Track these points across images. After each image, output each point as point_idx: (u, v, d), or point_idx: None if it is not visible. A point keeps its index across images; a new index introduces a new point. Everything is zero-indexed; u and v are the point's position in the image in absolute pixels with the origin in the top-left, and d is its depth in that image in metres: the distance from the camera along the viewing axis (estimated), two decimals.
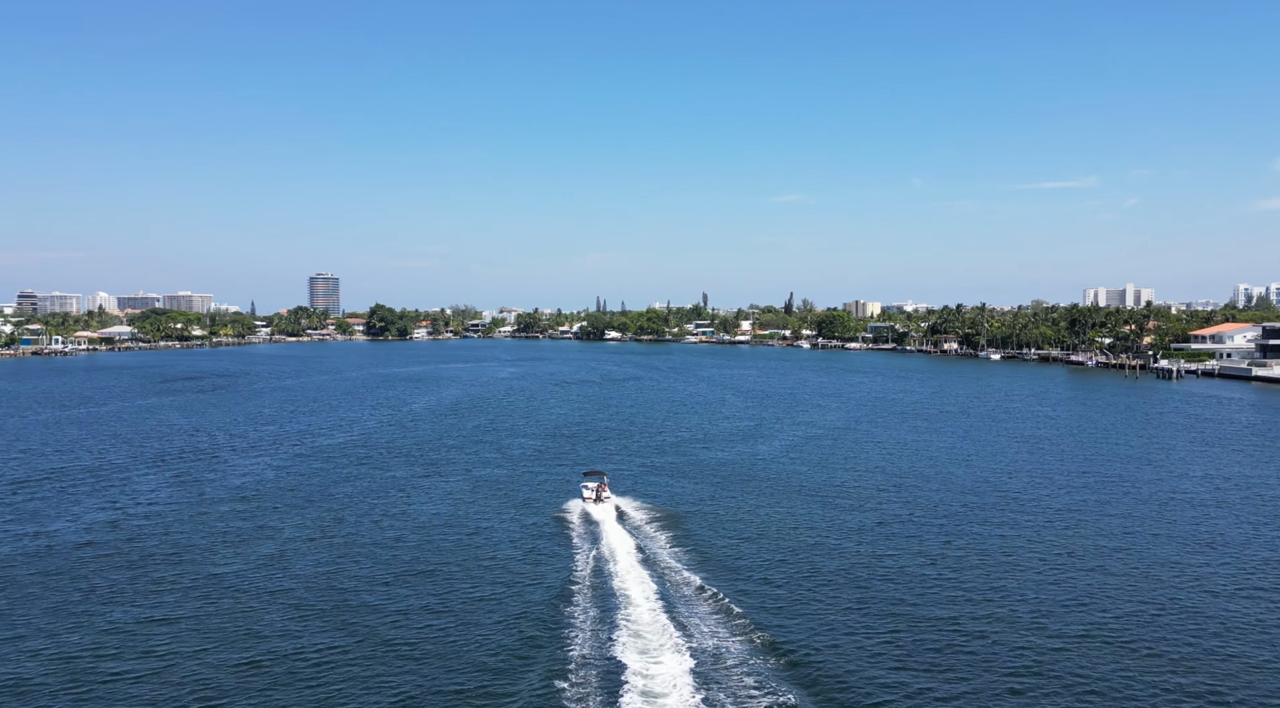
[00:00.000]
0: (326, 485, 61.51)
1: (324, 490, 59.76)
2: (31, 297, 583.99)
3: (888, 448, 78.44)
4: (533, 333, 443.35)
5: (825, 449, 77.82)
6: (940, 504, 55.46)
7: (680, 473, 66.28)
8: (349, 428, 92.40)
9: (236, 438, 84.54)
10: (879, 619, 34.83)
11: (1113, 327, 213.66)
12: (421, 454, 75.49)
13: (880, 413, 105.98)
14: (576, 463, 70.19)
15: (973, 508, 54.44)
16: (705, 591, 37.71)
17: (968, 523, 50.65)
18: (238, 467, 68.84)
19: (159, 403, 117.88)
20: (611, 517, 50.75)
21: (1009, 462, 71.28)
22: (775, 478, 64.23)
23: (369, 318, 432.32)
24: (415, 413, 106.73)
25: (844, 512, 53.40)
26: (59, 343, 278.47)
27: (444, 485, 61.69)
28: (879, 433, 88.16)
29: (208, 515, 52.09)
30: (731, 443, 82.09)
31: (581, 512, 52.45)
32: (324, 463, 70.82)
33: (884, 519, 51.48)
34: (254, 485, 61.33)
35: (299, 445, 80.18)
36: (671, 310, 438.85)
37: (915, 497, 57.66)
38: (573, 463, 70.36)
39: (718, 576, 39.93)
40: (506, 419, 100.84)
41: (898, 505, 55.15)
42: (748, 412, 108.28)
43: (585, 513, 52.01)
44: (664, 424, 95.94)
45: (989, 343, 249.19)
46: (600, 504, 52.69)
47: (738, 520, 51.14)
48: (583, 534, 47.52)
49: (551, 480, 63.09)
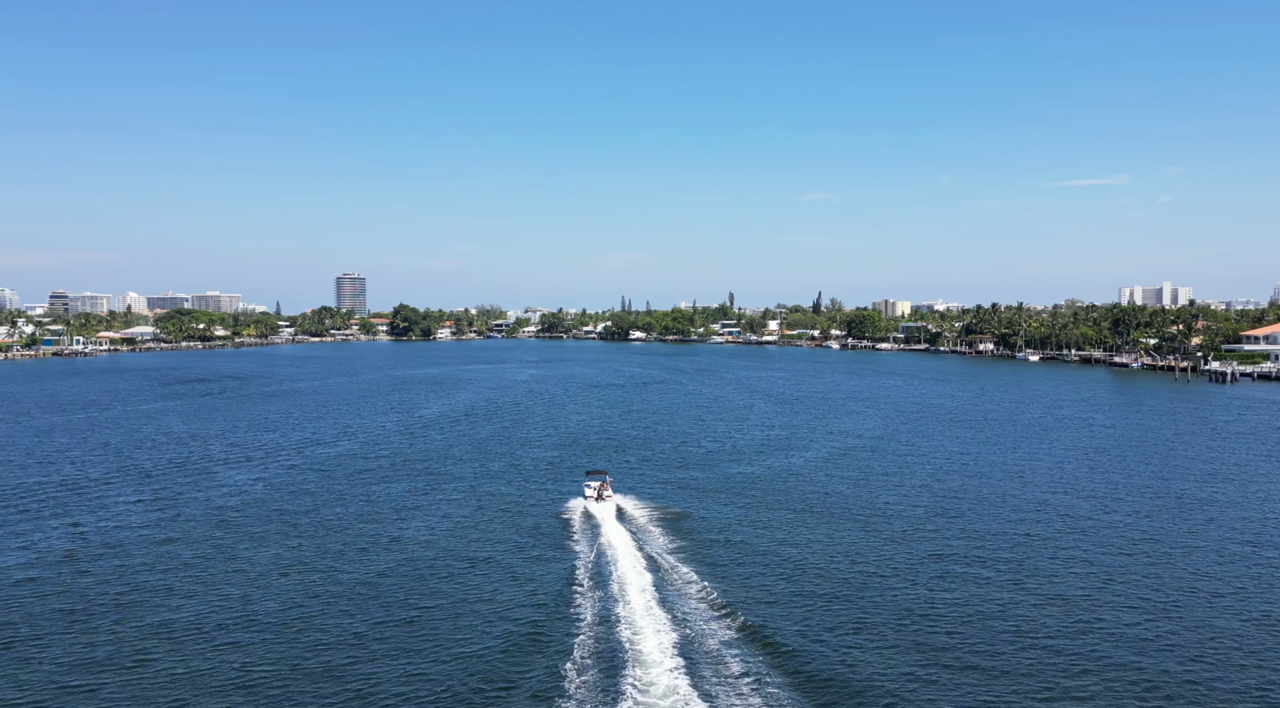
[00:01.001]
0: (315, 506, 55.87)
1: (312, 512, 54.13)
2: (63, 297, 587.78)
3: (932, 462, 71.72)
4: (557, 333, 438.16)
5: (864, 463, 71.24)
6: (1000, 532, 48.83)
7: (705, 491, 60.00)
8: (353, 436, 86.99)
9: (232, 448, 79.32)
10: (952, 692, 28.42)
11: (1159, 327, 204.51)
12: (425, 467, 69.80)
13: (921, 421, 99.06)
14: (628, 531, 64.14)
15: (1038, 539, 47.77)
16: (735, 649, 31.50)
17: (1036, 557, 44.02)
18: (225, 482, 63.46)
19: (161, 408, 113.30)
20: (627, 540, 45.44)
21: (1070, 479, 64.37)
22: (811, 499, 57.81)
23: (392, 318, 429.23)
24: (425, 419, 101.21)
25: (891, 542, 46.93)
26: (80, 343, 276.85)
27: (444, 506, 55.82)
28: (921, 444, 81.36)
29: (176, 544, 46.55)
30: (762, 455, 75.72)
31: (583, 510, 53.09)
32: (319, 477, 65.30)
33: (938, 551, 44.97)
34: (237, 506, 55.84)
35: (297, 457, 74.80)
36: (697, 310, 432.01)
37: (970, 523, 51.05)
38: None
39: (749, 629, 33.64)
40: (521, 427, 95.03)
41: (952, 534, 48.61)
42: (778, 419, 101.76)
43: (589, 517, 51.49)
44: (689, 433, 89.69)
45: (1027, 344, 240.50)
46: (601, 503, 52.85)
47: (771, 553, 44.83)
48: (594, 576, 41.49)
49: (564, 499, 57.03)
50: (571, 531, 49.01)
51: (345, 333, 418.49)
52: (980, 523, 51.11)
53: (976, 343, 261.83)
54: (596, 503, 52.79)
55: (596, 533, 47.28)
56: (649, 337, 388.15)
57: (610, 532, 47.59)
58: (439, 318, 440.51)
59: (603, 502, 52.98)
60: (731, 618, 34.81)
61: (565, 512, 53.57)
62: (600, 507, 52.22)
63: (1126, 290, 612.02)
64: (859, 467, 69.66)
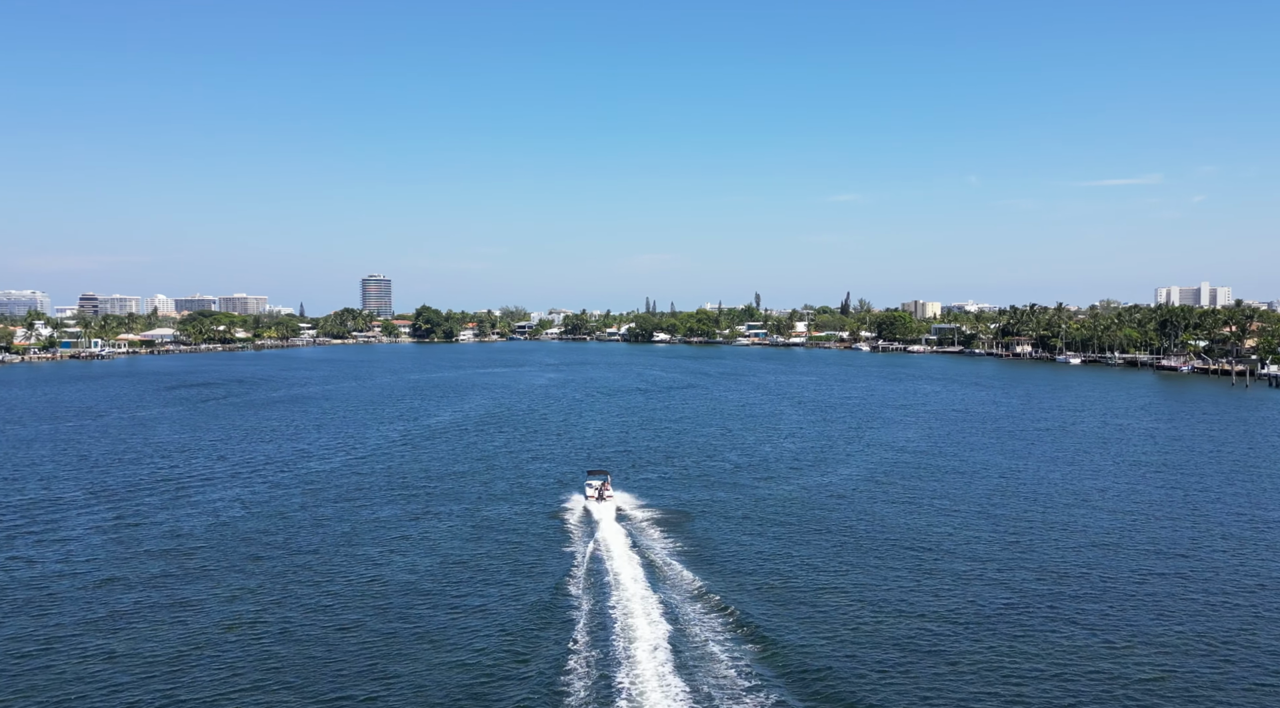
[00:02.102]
0: (291, 534, 49.39)
1: (285, 542, 47.65)
2: (93, 299, 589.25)
3: (986, 480, 64.17)
4: (580, 335, 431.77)
5: (910, 483, 63.83)
6: (1082, 572, 41.39)
7: (732, 516, 52.90)
8: (352, 448, 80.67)
9: (218, 462, 73.21)
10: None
11: (1209, 328, 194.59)
12: (422, 486, 63.24)
13: (967, 431, 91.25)
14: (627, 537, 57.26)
15: (1128, 581, 40.29)
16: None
17: (1132, 608, 36.61)
18: (198, 504, 57.19)
19: (158, 415, 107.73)
20: (646, 592, 38.41)
21: (1147, 503, 56.64)
22: (854, 527, 50.55)
23: (415, 320, 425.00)
24: (432, 429, 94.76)
25: (956, 582, 39.65)
26: (98, 346, 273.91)
27: (434, 536, 49.13)
28: (971, 458, 73.74)
29: (120, 584, 40.19)
30: (795, 471, 68.49)
31: (583, 509, 53.45)
32: (302, 498, 58.89)
33: (1014, 598, 37.64)
34: (203, 533, 49.48)
35: (285, 472, 68.55)
36: (723, 311, 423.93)
37: (1044, 559, 43.63)
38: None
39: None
40: (533, 438, 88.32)
41: (1025, 573, 41.25)
42: (811, 429, 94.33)
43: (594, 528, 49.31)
44: (715, 446, 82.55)
45: (1067, 346, 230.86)
46: (602, 503, 52.89)
47: (812, 596, 37.72)
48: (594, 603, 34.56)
49: (572, 524, 50.18)
50: (573, 565, 42.19)
51: (367, 335, 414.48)
52: (1053, 557, 43.68)
53: (1013, 345, 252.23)
54: (597, 503, 52.92)
55: (608, 587, 39.88)
56: (673, 338, 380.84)
57: (623, 570, 41.23)
58: (461, 320, 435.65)
59: (603, 501, 53.12)
60: (779, 683, 27.77)
61: (565, 521, 50.80)
62: (601, 507, 52.27)
63: (1163, 290, 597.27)
64: (905, 487, 62.26)
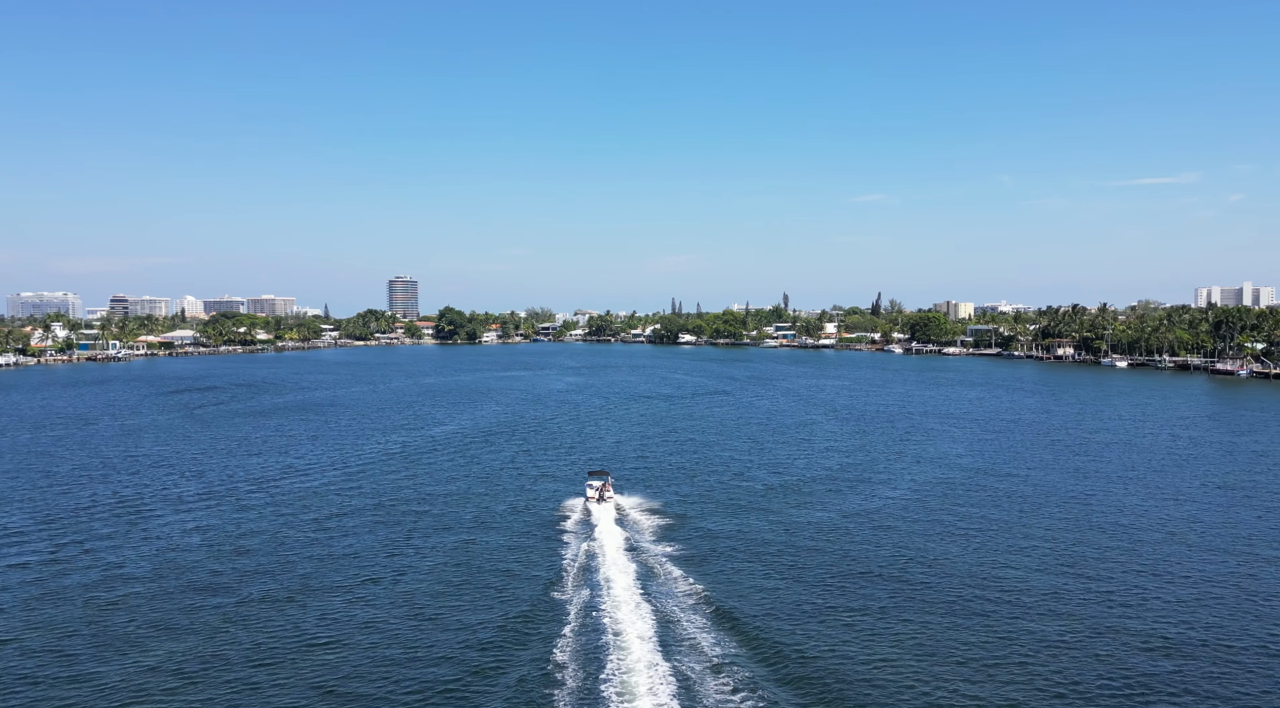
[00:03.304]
0: (245, 574, 42.15)
1: (234, 586, 40.40)
2: (123, 301, 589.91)
3: (1056, 509, 55.73)
4: (604, 336, 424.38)
5: (966, 508, 55.54)
6: (1199, 642, 33.10)
7: (764, 552, 45.01)
8: (344, 463, 73.57)
9: (193, 480, 66.32)
10: None
11: (1268, 330, 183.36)
12: (411, 508, 55.91)
13: (1021, 445, 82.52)
14: (627, 548, 49.54)
15: (1259, 652, 31.94)
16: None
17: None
18: (152, 533, 50.17)
19: (150, 423, 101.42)
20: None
21: (1249, 538, 48.03)
22: (908, 570, 42.48)
23: (438, 321, 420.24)
24: (435, 440, 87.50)
25: (1042, 651, 31.55)
26: (116, 348, 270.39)
27: (411, 576, 41.71)
28: (1033, 478, 65.22)
29: (15, 646, 33.02)
30: (834, 494, 60.42)
31: (584, 507, 53.94)
32: (274, 524, 51.73)
33: (1121, 675, 29.48)
34: (143, 573, 42.39)
35: (262, 492, 61.54)
36: (750, 312, 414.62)
37: (1146, 619, 35.39)
38: (623, 547, 49.71)
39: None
40: (544, 451, 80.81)
41: (1130, 640, 33.08)
42: (848, 441, 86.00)
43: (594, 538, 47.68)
44: (743, 462, 74.59)
45: (1112, 348, 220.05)
46: (602, 504, 53.56)
47: (868, 671, 29.78)
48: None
49: (572, 563, 42.55)
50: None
51: (390, 337, 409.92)
52: (1159, 620, 35.40)
53: (1054, 347, 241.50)
54: (598, 504, 53.63)
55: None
56: (699, 340, 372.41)
57: (627, 627, 34.52)
58: (485, 321, 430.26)
59: (604, 503, 53.81)
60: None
61: (564, 567, 41.73)
62: (600, 510, 52.81)
63: (1203, 291, 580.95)
64: (961, 515, 54.00)
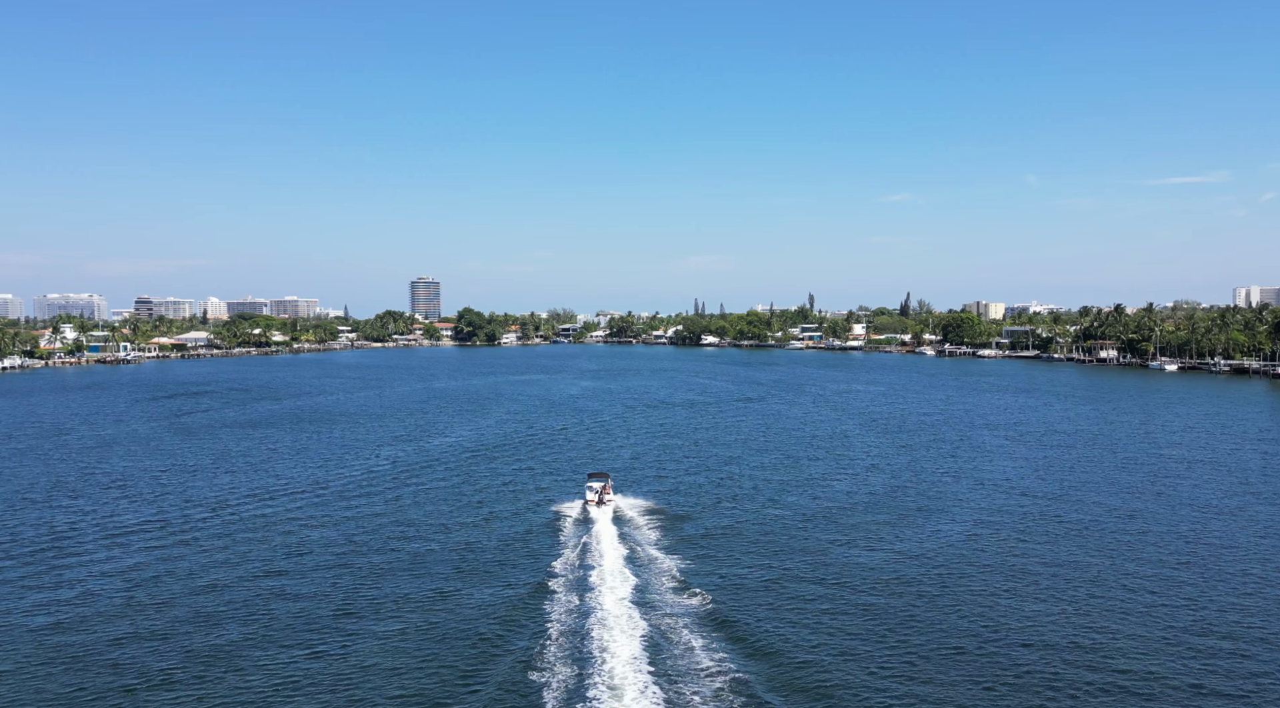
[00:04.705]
0: (150, 638, 33.45)
1: (134, 658, 31.70)
2: (148, 302, 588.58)
3: (1153, 551, 46.04)
4: (625, 338, 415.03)
5: (1052, 552, 45.95)
6: None
7: (810, 609, 35.73)
8: (323, 484, 64.96)
9: (142, 505, 57.93)
10: None
11: None
12: (384, 545, 47.13)
13: (1093, 465, 72.49)
14: (630, 602, 40.46)
15: None
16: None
17: None
18: (67, 580, 41.68)
19: (126, 434, 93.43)
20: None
21: None
22: (998, 645, 33.02)
23: (456, 322, 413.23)
24: (432, 455, 78.73)
25: None
26: (125, 350, 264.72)
27: (364, 646, 32.77)
28: (1120, 508, 55.43)
29: None
30: (885, 527, 50.97)
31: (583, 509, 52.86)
32: (214, 568, 43.07)
33: None
34: (27, 642, 33.81)
35: (217, 520, 53.06)
36: (774, 313, 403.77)
37: None
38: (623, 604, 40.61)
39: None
40: (547, 469, 71.87)
41: None
42: (893, 459, 76.28)
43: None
44: (775, 484, 65.26)
45: (1160, 350, 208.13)
46: (602, 507, 53.02)
47: None
48: None
49: (567, 639, 33.50)
50: None
51: (408, 338, 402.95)
52: None
53: (1097, 349, 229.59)
54: (597, 507, 53.26)
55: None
56: (722, 342, 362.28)
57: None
58: (504, 322, 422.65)
59: (604, 506, 53.47)
60: None
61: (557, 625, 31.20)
62: (601, 511, 52.60)
63: (1242, 291, 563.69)
64: (1049, 560, 44.42)
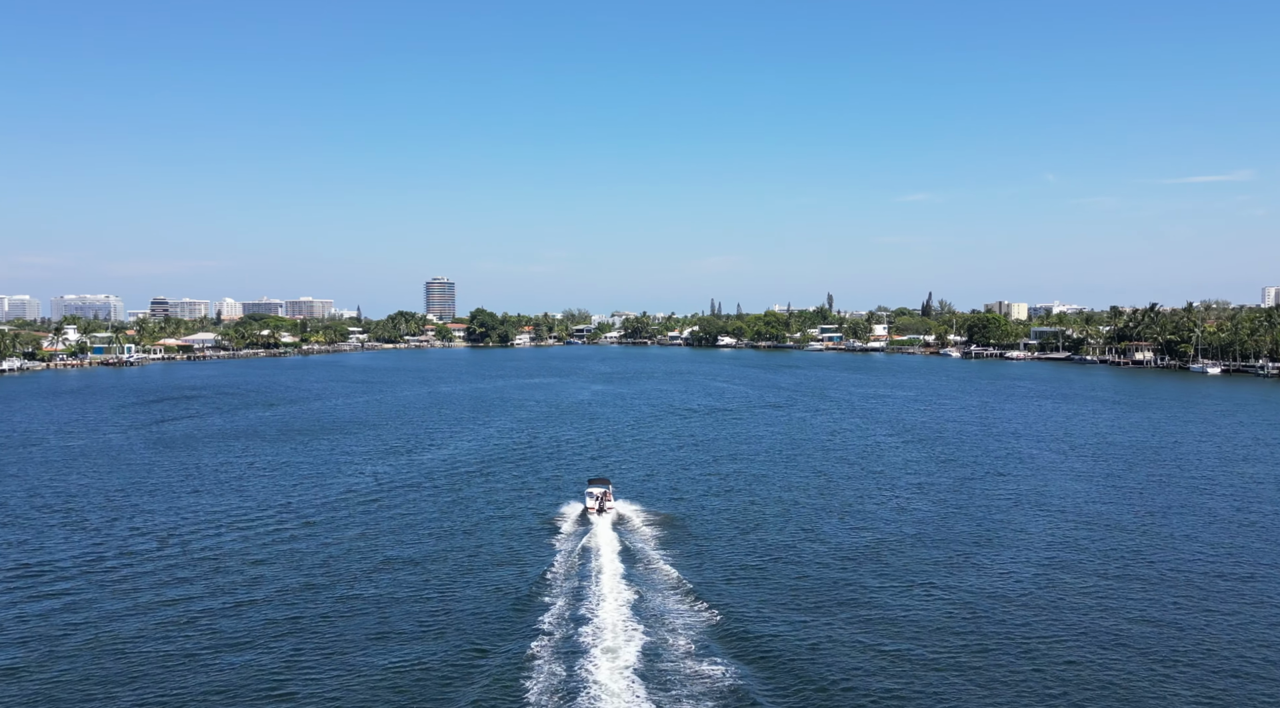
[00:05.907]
0: None
1: None
2: (163, 303, 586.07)
3: (1264, 586, 37.89)
4: (640, 339, 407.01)
5: (1150, 604, 37.90)
6: None
7: (862, 689, 27.86)
8: (294, 508, 57.55)
9: (83, 532, 50.66)
10: None
11: None
12: (352, 588, 39.60)
13: (1164, 487, 64.21)
14: (629, 636, 32.70)
15: None
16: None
17: None
18: None
19: (96, 445, 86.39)
20: None
21: None
22: None
23: (469, 323, 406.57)
24: (424, 470, 71.18)
25: None
26: (129, 352, 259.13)
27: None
28: (1217, 543, 47.22)
29: None
30: (941, 568, 43.03)
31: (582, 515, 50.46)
32: (143, 614, 35.63)
33: None
34: None
35: (163, 553, 45.70)
36: (793, 314, 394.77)
37: None
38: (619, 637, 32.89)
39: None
40: (548, 486, 64.19)
41: None
42: (937, 477, 68.15)
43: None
44: (806, 509, 57.35)
45: (1201, 352, 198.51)
46: (602, 515, 50.88)
47: None
48: None
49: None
50: None
51: (420, 339, 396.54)
52: None
53: (1131, 351, 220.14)
54: (597, 515, 51.03)
55: None
56: (739, 343, 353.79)
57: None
58: (517, 323, 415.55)
59: (604, 513, 51.30)
60: None
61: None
62: (601, 519, 50.34)
63: (1270, 290, 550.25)
64: (1147, 618, 36.37)
